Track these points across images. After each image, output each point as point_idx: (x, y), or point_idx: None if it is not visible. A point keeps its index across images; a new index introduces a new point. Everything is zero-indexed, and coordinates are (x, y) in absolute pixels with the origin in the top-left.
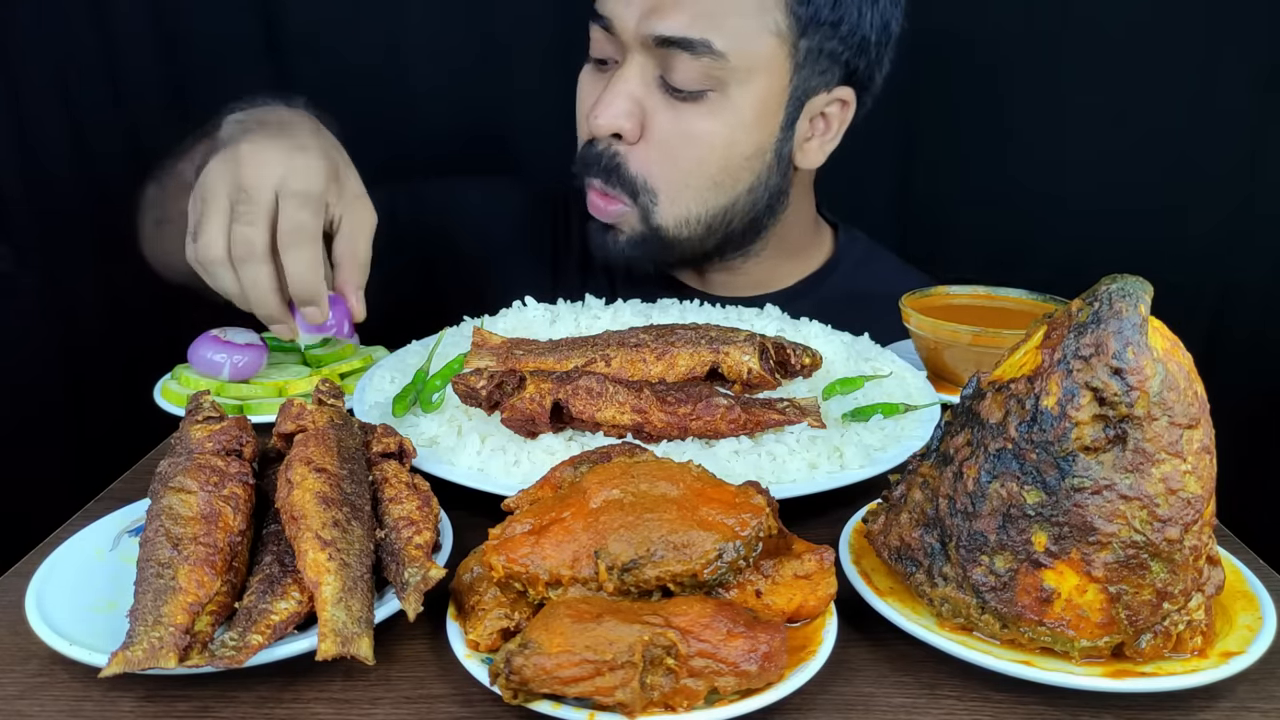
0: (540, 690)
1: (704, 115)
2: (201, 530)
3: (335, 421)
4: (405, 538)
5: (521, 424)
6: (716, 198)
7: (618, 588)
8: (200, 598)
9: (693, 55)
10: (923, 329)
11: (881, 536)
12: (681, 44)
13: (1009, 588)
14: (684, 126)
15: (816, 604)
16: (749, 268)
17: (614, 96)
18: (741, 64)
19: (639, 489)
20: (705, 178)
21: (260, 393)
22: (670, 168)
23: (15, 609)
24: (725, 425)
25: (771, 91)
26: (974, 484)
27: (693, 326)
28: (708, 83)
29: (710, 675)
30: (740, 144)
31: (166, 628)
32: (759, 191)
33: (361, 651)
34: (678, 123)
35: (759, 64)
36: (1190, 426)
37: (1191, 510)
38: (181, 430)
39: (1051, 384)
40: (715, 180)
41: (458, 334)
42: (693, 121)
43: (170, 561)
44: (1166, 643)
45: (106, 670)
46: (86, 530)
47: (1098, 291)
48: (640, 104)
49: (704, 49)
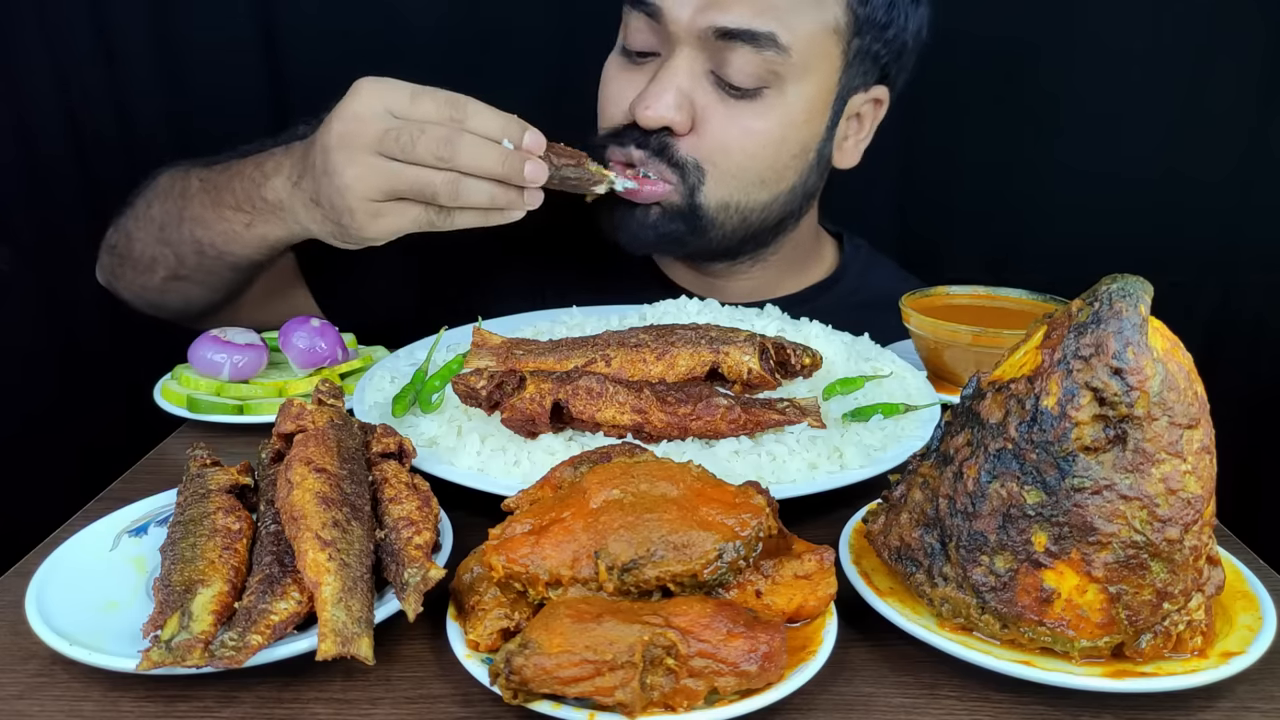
0: (540, 690)
1: (758, 113)
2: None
3: (335, 421)
4: (405, 538)
5: (521, 424)
6: (760, 193)
7: (618, 588)
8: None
9: (755, 49)
10: (923, 329)
11: (881, 536)
12: (744, 36)
13: (1009, 588)
14: (738, 124)
15: (816, 604)
16: (755, 273)
17: (663, 89)
18: (800, 60)
19: (639, 489)
20: (754, 174)
21: (260, 393)
22: (722, 157)
23: (15, 609)
24: (725, 425)
25: (822, 90)
26: (974, 484)
27: (693, 326)
28: (764, 79)
29: (710, 675)
30: (790, 142)
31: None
32: (798, 191)
33: (361, 651)
34: (732, 120)
35: (815, 61)
36: (1190, 426)
37: (1191, 510)
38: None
39: (1051, 384)
40: (763, 177)
41: (455, 334)
42: (746, 119)
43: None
44: (1166, 643)
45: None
46: (86, 530)
47: (1098, 291)
48: (690, 98)
49: (768, 42)
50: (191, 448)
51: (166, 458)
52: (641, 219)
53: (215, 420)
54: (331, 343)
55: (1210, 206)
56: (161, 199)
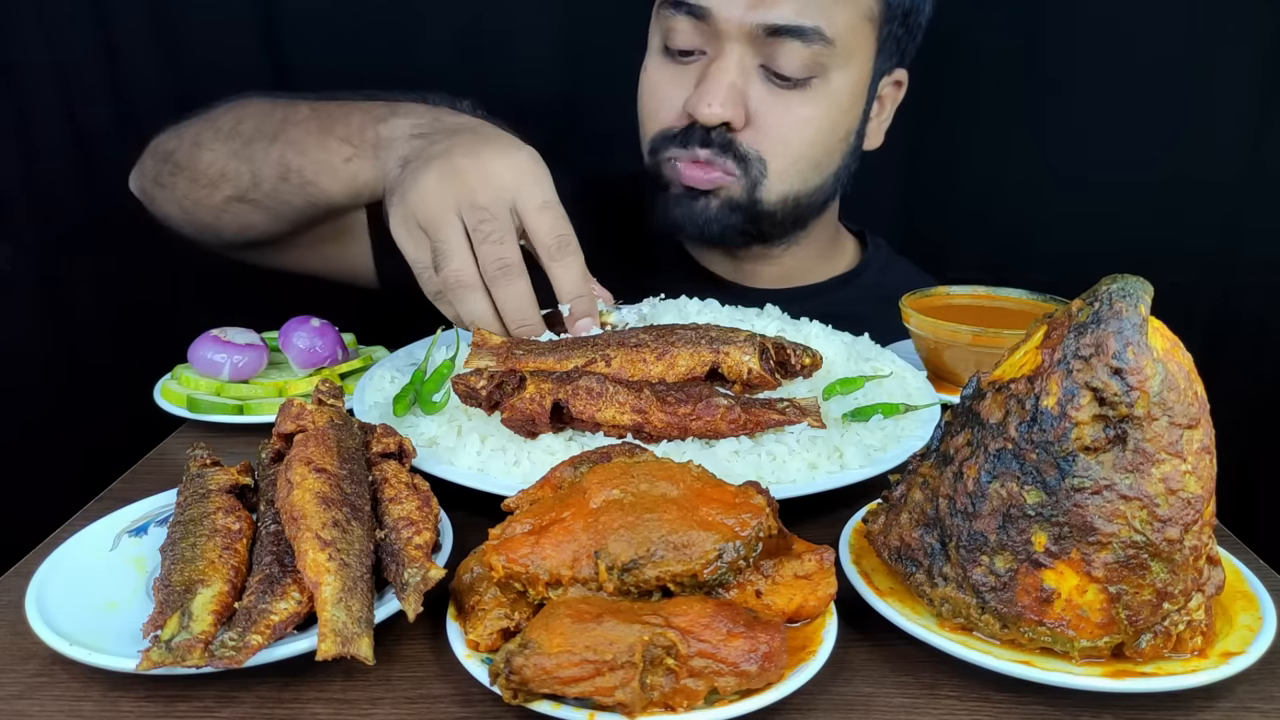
0: (540, 690)
1: (808, 101)
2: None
3: (335, 421)
4: (405, 538)
5: (521, 424)
6: (815, 178)
7: (618, 588)
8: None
9: (804, 43)
10: (923, 329)
11: (881, 536)
12: (794, 32)
13: (1009, 588)
14: (792, 113)
15: (816, 604)
16: (786, 260)
17: (718, 87)
18: (843, 49)
19: (639, 489)
20: (811, 160)
21: (260, 393)
22: (783, 150)
23: (15, 609)
24: (725, 425)
25: (861, 75)
26: (974, 484)
27: (693, 326)
28: (813, 69)
29: (710, 675)
30: (839, 126)
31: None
32: (842, 173)
33: (361, 651)
34: (785, 110)
35: (855, 48)
36: (1190, 426)
37: (1191, 510)
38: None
39: (1051, 384)
40: (818, 162)
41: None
42: (798, 108)
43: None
44: (1166, 643)
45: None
46: (86, 530)
47: (1098, 291)
48: (743, 93)
49: (815, 36)
50: (191, 448)
51: (166, 458)
52: (703, 211)
53: (215, 420)
54: (331, 343)
55: (1210, 207)
56: (256, 118)
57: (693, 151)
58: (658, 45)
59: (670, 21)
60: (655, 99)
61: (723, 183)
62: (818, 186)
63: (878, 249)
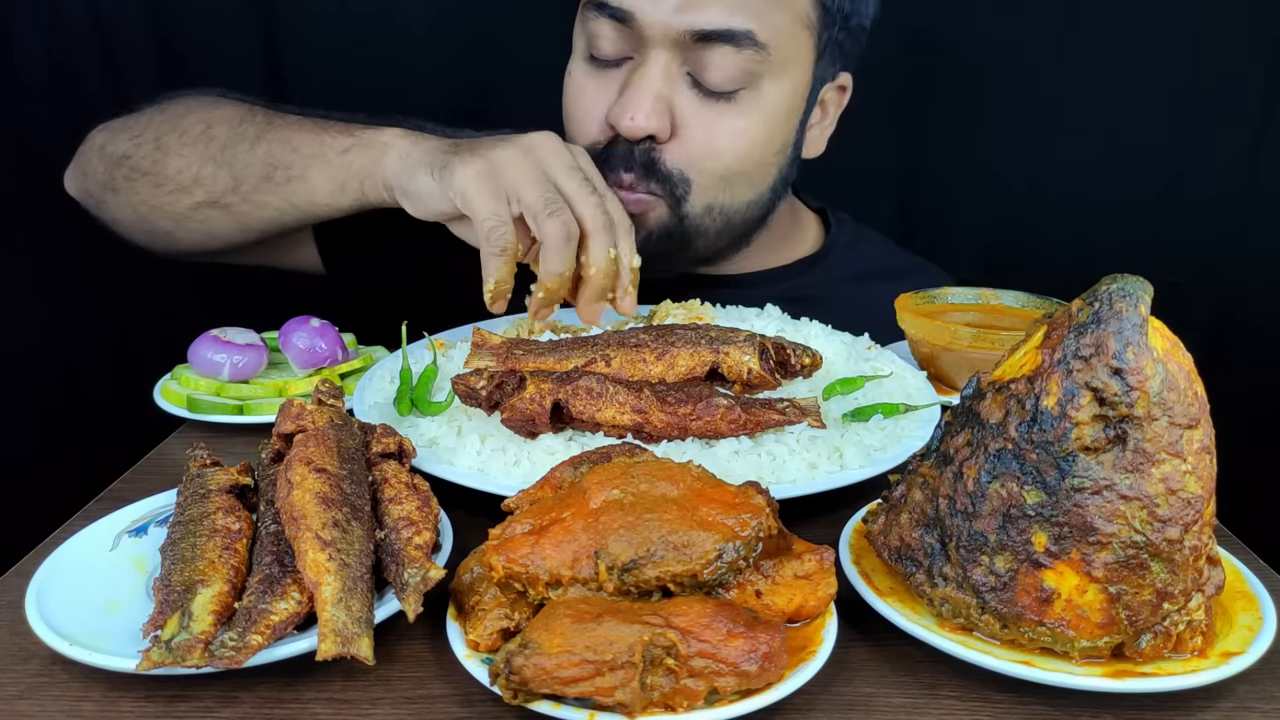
0: (540, 690)
1: (739, 113)
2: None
3: (335, 421)
4: (405, 538)
5: (521, 424)
6: (745, 193)
7: (618, 588)
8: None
9: (735, 48)
10: (918, 333)
11: (881, 536)
12: (725, 37)
13: (1009, 588)
14: (722, 124)
15: (816, 604)
16: (738, 259)
17: (642, 97)
18: (778, 57)
19: (639, 489)
20: (741, 174)
21: (260, 393)
22: (710, 163)
23: (15, 609)
24: (725, 425)
25: (798, 85)
26: (974, 484)
27: (693, 326)
28: (743, 80)
29: (710, 675)
30: (774, 139)
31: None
32: (778, 186)
33: (361, 651)
34: (714, 121)
35: (792, 56)
36: (1190, 427)
37: (1191, 510)
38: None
39: (1051, 384)
40: (749, 176)
41: (455, 333)
42: (728, 120)
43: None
44: (1166, 643)
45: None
46: (86, 530)
47: (1098, 292)
48: (668, 102)
49: (747, 40)
50: (191, 448)
51: (166, 458)
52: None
53: (215, 420)
54: (331, 343)
55: (1211, 207)
56: (231, 122)
57: (617, 175)
58: (581, 50)
59: (593, 26)
60: (580, 109)
61: (648, 206)
62: (750, 202)
63: (842, 226)
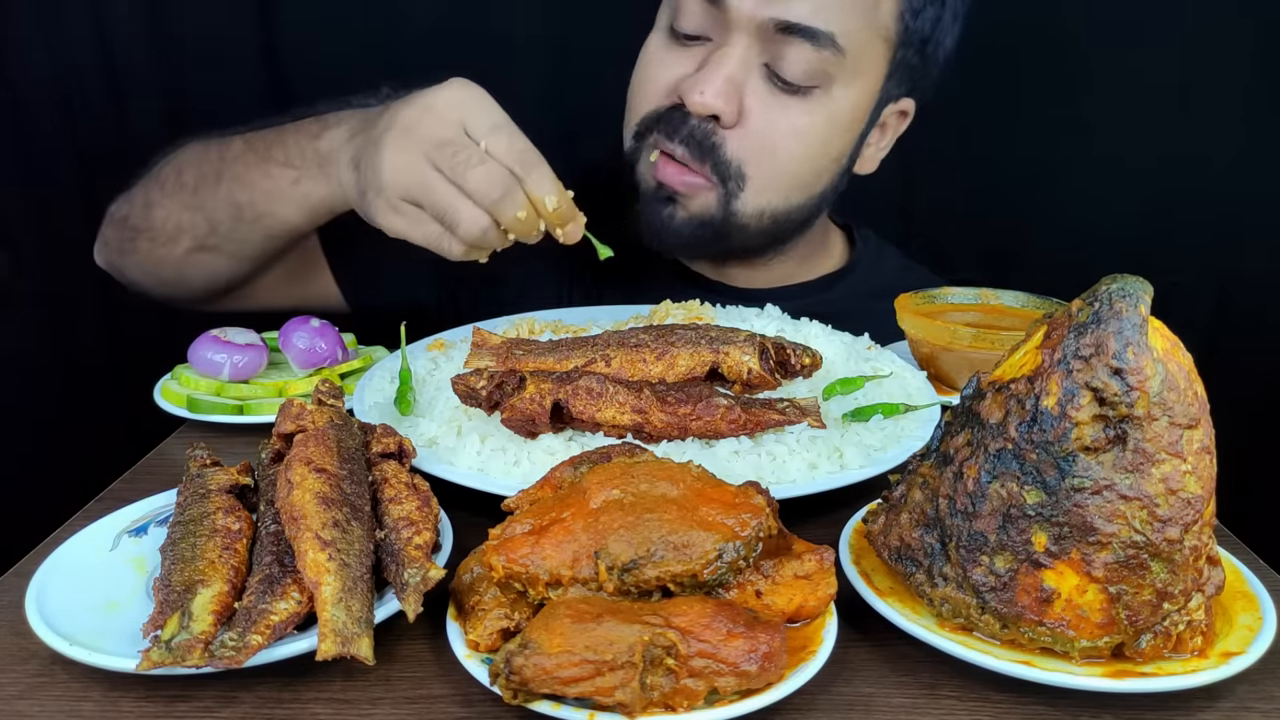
0: (540, 690)
1: (804, 111)
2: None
3: (335, 421)
4: (405, 538)
5: (521, 424)
6: (797, 196)
7: (618, 588)
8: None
9: (814, 46)
10: (918, 334)
11: (881, 536)
12: (805, 33)
13: (1009, 588)
14: (787, 120)
15: (816, 604)
16: (773, 267)
17: (715, 76)
18: (852, 63)
19: (639, 489)
20: (796, 176)
21: (260, 393)
22: (769, 159)
23: (15, 609)
24: (725, 425)
25: (865, 96)
26: (974, 484)
27: (693, 326)
28: (816, 78)
29: (710, 675)
30: (832, 146)
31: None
32: (828, 195)
33: (361, 651)
34: (781, 115)
35: (865, 66)
36: (1190, 427)
37: (1191, 510)
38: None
39: (1051, 384)
40: (804, 180)
41: (454, 333)
42: (795, 116)
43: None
44: (1166, 643)
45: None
46: (86, 530)
47: (1098, 292)
48: (740, 89)
49: (827, 41)
50: (191, 448)
51: (166, 458)
52: (668, 223)
53: (215, 420)
54: (331, 343)
55: (1210, 207)
56: (195, 164)
57: (671, 147)
58: (665, 24)
59: (682, 1)
60: (647, 78)
61: (696, 189)
62: (799, 206)
63: (867, 242)
